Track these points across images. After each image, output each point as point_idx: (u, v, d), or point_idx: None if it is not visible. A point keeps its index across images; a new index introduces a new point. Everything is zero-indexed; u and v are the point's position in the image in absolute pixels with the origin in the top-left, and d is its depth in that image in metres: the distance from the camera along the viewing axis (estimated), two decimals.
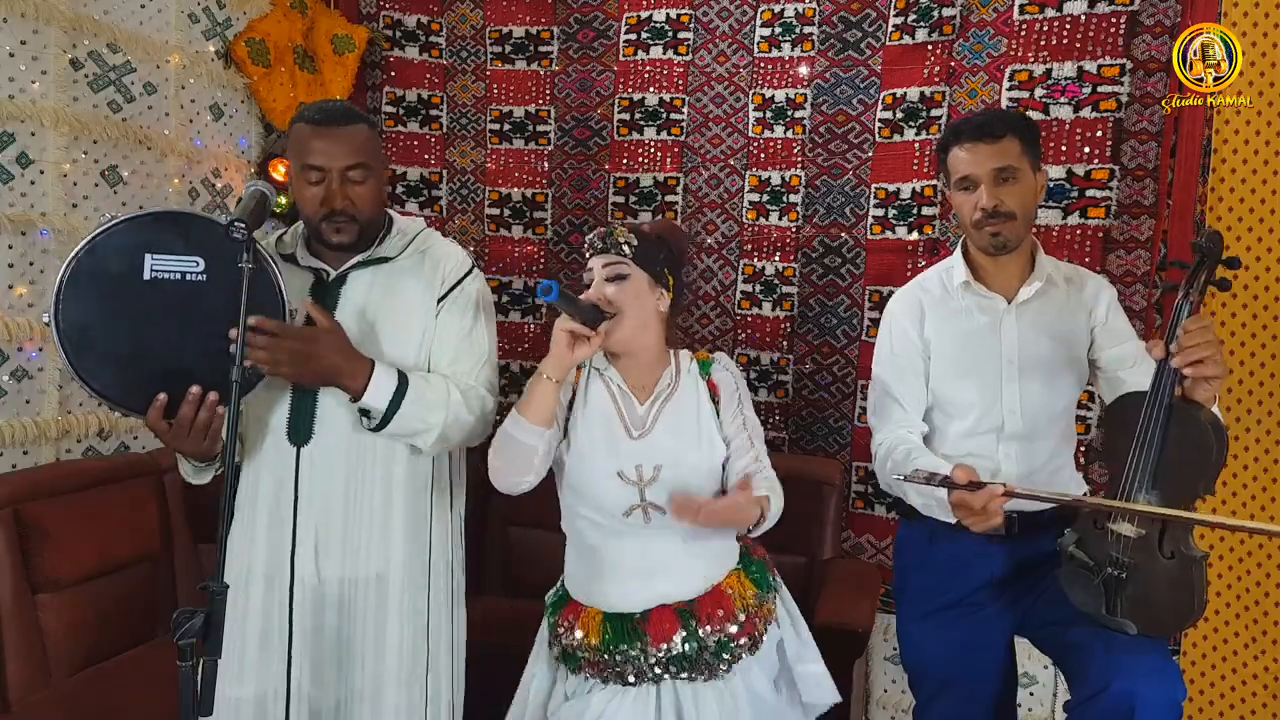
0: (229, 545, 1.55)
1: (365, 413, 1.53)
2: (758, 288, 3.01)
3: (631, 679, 1.52)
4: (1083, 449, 2.61)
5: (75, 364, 1.35)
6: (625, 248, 1.55)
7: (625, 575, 1.55)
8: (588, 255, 1.61)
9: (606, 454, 1.55)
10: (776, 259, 2.98)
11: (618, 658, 1.51)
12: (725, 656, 1.52)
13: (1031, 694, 2.70)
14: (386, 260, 1.64)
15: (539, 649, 1.69)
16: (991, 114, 1.86)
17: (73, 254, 1.35)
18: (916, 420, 1.82)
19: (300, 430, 1.56)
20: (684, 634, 1.50)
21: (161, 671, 1.61)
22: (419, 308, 1.64)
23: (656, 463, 1.53)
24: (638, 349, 1.59)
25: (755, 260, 3.01)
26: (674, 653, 1.50)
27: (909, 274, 2.74)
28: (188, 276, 1.38)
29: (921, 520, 1.83)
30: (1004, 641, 1.85)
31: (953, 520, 1.65)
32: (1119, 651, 1.55)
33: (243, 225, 1.29)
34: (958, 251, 1.86)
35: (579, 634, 1.55)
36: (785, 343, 2.98)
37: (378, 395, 1.50)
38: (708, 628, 1.51)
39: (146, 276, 1.36)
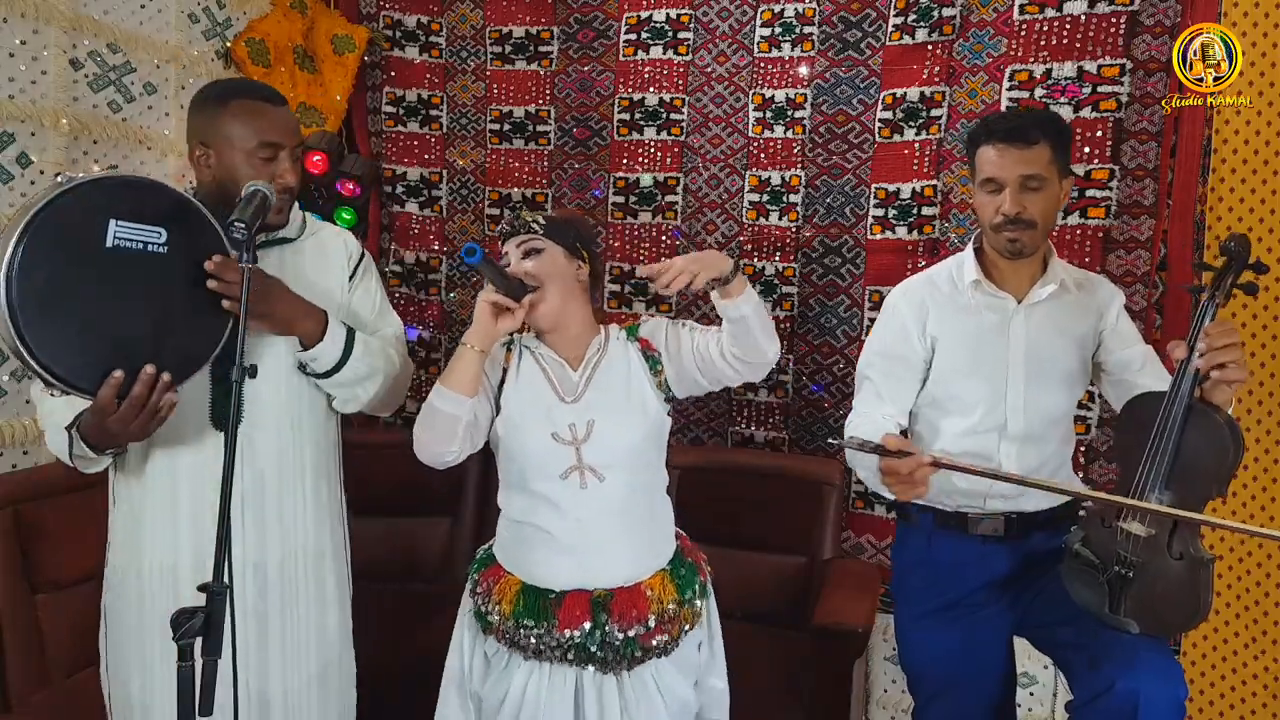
0: (142, 539, 1.55)
1: (304, 366, 1.55)
2: (758, 288, 3.00)
3: (534, 655, 1.53)
4: (1082, 449, 2.61)
5: (23, 334, 1.20)
6: (534, 225, 1.59)
7: (554, 550, 1.55)
8: (500, 244, 1.65)
9: (541, 419, 1.57)
10: (776, 259, 2.98)
11: (522, 632, 1.53)
12: (630, 655, 1.52)
13: (1031, 694, 2.70)
14: (288, 241, 1.64)
15: (464, 602, 1.69)
16: (1027, 117, 1.77)
17: (33, 209, 1.21)
18: (892, 411, 1.79)
19: (222, 413, 1.51)
20: (590, 625, 1.50)
21: None
22: (333, 282, 1.66)
23: (589, 419, 1.55)
24: (565, 320, 1.61)
25: (755, 260, 3.01)
26: (575, 641, 1.50)
27: (909, 274, 2.72)
28: (149, 247, 1.30)
29: (920, 521, 1.83)
30: (1003, 641, 1.85)
31: (887, 493, 1.62)
32: (1122, 651, 1.55)
33: (242, 225, 1.29)
34: (969, 248, 1.85)
35: (493, 600, 1.57)
36: (785, 343, 2.98)
37: (335, 339, 1.53)
38: (617, 625, 1.51)
39: (109, 244, 1.27)
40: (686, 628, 1.60)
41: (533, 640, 1.52)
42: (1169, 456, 1.49)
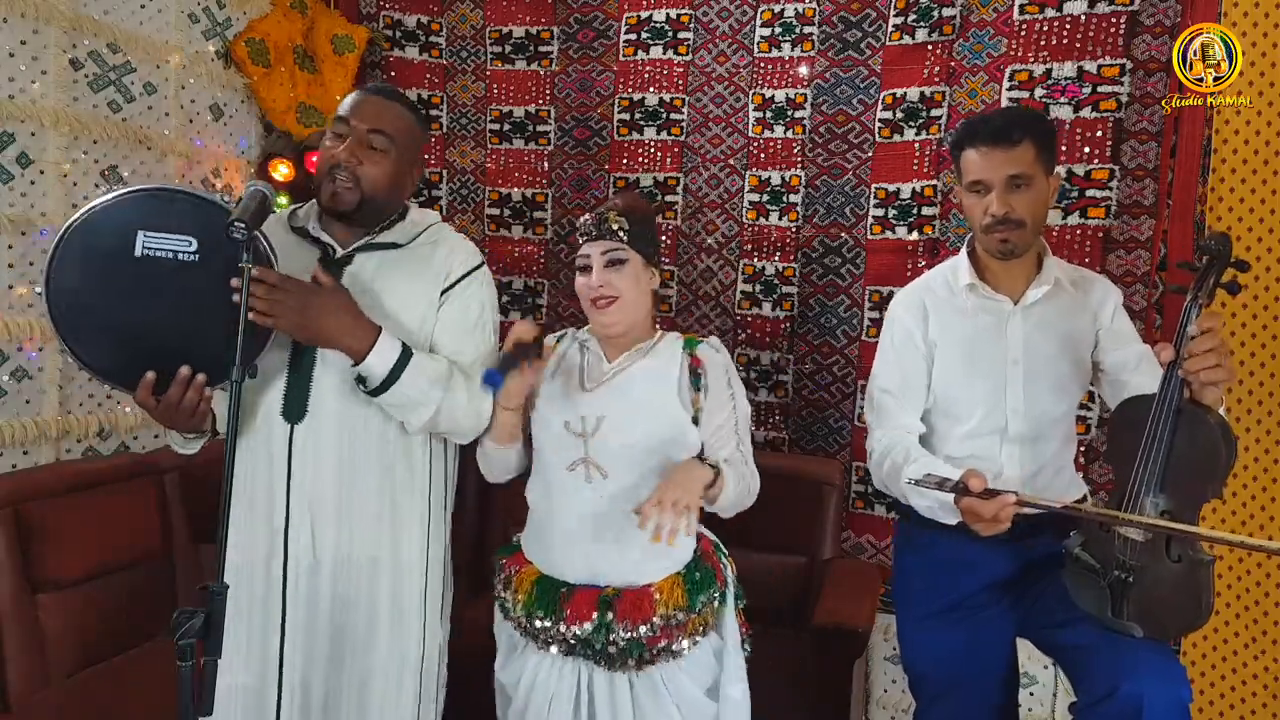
0: (229, 526, 1.53)
1: (361, 380, 1.51)
2: (758, 288, 3.01)
3: (544, 645, 1.56)
4: (1082, 449, 2.61)
5: (66, 335, 1.36)
6: (621, 234, 1.58)
7: (565, 540, 1.56)
8: (581, 240, 1.63)
9: (560, 404, 1.59)
10: (776, 259, 2.98)
11: (535, 623, 1.55)
12: (638, 655, 1.52)
13: (1031, 694, 2.70)
14: (396, 246, 1.63)
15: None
16: (1008, 116, 1.79)
17: (65, 226, 1.35)
18: (915, 421, 1.81)
19: (294, 407, 1.54)
20: (595, 623, 1.51)
21: (161, 671, 1.60)
22: (421, 296, 1.62)
23: (599, 415, 1.55)
24: (628, 329, 1.63)
25: (755, 260, 3.01)
26: (581, 637, 1.51)
27: (909, 274, 2.75)
28: (180, 256, 1.37)
29: (921, 522, 1.83)
30: (1006, 643, 1.84)
31: (954, 522, 1.65)
32: (1126, 653, 1.54)
33: (243, 225, 1.28)
34: (963, 252, 1.85)
35: (512, 587, 1.61)
36: (785, 343, 2.98)
37: (381, 359, 1.48)
38: (622, 625, 1.51)
39: (137, 254, 1.35)
40: (698, 634, 1.57)
41: (543, 634, 1.55)
42: (1161, 459, 1.49)
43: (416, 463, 1.64)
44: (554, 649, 1.55)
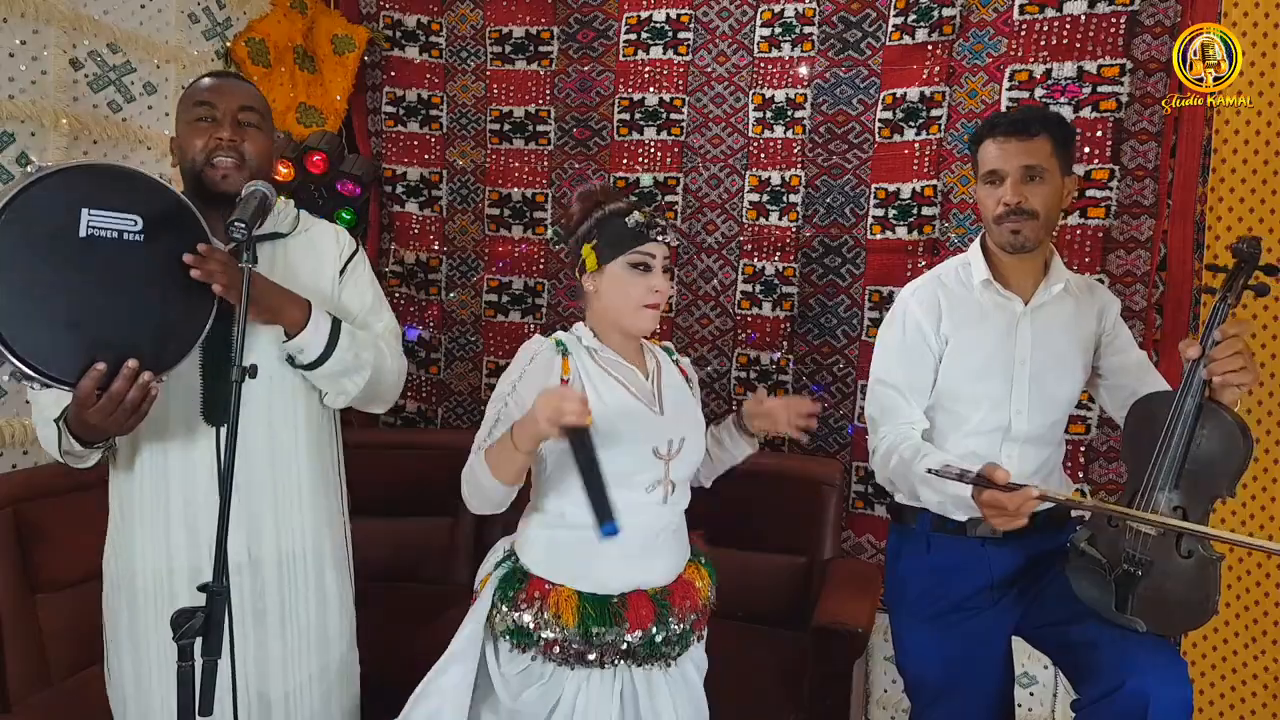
0: (134, 539, 1.54)
1: (294, 357, 1.52)
2: (758, 288, 3.00)
3: (594, 661, 1.49)
4: (1082, 449, 2.61)
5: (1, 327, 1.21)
6: (675, 239, 1.59)
7: (620, 555, 1.50)
8: (653, 235, 1.55)
9: (637, 431, 1.53)
10: (776, 259, 2.98)
11: (593, 640, 1.48)
12: (681, 646, 1.56)
13: (1031, 694, 2.69)
14: (279, 236, 1.62)
15: (472, 626, 1.57)
16: (1029, 111, 1.84)
17: (4, 199, 1.22)
18: (920, 416, 1.81)
19: (215, 409, 1.49)
20: (657, 623, 1.51)
21: None
22: (323, 280, 1.64)
23: (680, 436, 1.57)
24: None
25: (755, 260, 3.01)
26: (644, 640, 1.51)
27: (909, 274, 2.75)
28: (125, 236, 1.29)
29: (919, 523, 1.83)
30: (1003, 643, 1.85)
31: (963, 518, 1.65)
32: (1130, 650, 1.55)
33: (242, 225, 1.28)
34: (975, 247, 1.83)
35: (550, 614, 1.49)
36: (785, 343, 2.98)
37: (319, 328, 1.50)
38: (677, 617, 1.54)
39: (82, 234, 1.25)
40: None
41: (601, 648, 1.49)
42: (1179, 455, 1.50)
43: (328, 448, 1.68)
44: (596, 665, 1.50)
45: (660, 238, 1.55)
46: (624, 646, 1.50)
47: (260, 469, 1.55)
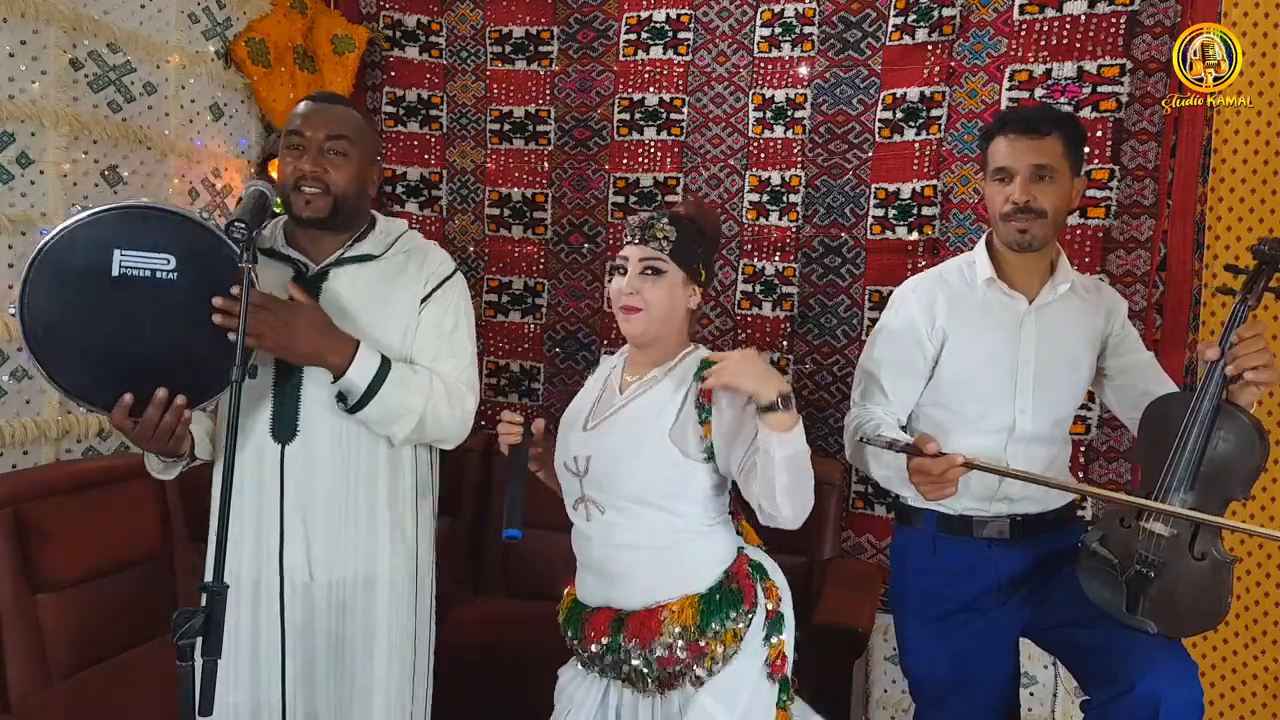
0: (209, 548, 1.54)
1: (342, 397, 1.52)
2: (758, 288, 3.01)
3: (580, 663, 1.59)
4: (1082, 449, 2.61)
5: (40, 358, 1.34)
6: (664, 243, 1.52)
7: (585, 569, 1.57)
8: (626, 240, 1.55)
9: (564, 441, 1.58)
10: (776, 259, 2.98)
11: (568, 637, 1.59)
12: (658, 676, 1.47)
13: (1031, 694, 2.69)
14: (370, 258, 1.63)
15: None
16: (1040, 110, 1.85)
17: (39, 247, 1.33)
18: (896, 407, 1.79)
19: (284, 427, 1.55)
20: (607, 641, 1.50)
21: (161, 671, 1.60)
22: (402, 307, 1.63)
23: (587, 454, 1.52)
24: (653, 341, 1.56)
25: (755, 260, 3.01)
26: (596, 652, 1.52)
27: (909, 274, 2.73)
28: (158, 274, 1.35)
29: (924, 524, 1.82)
30: (1009, 644, 1.83)
31: (908, 494, 1.65)
32: (1141, 651, 1.55)
33: (243, 225, 1.28)
34: (980, 245, 1.83)
35: (561, 605, 1.64)
36: (785, 343, 2.98)
37: (360, 372, 1.49)
38: (632, 642, 1.48)
39: (115, 273, 1.33)
40: (721, 659, 1.47)
41: (575, 650, 1.59)
42: (1195, 457, 1.50)
43: (406, 474, 1.65)
44: (580, 664, 1.59)
45: (631, 240, 1.54)
46: (586, 655, 1.55)
47: (320, 488, 1.56)
